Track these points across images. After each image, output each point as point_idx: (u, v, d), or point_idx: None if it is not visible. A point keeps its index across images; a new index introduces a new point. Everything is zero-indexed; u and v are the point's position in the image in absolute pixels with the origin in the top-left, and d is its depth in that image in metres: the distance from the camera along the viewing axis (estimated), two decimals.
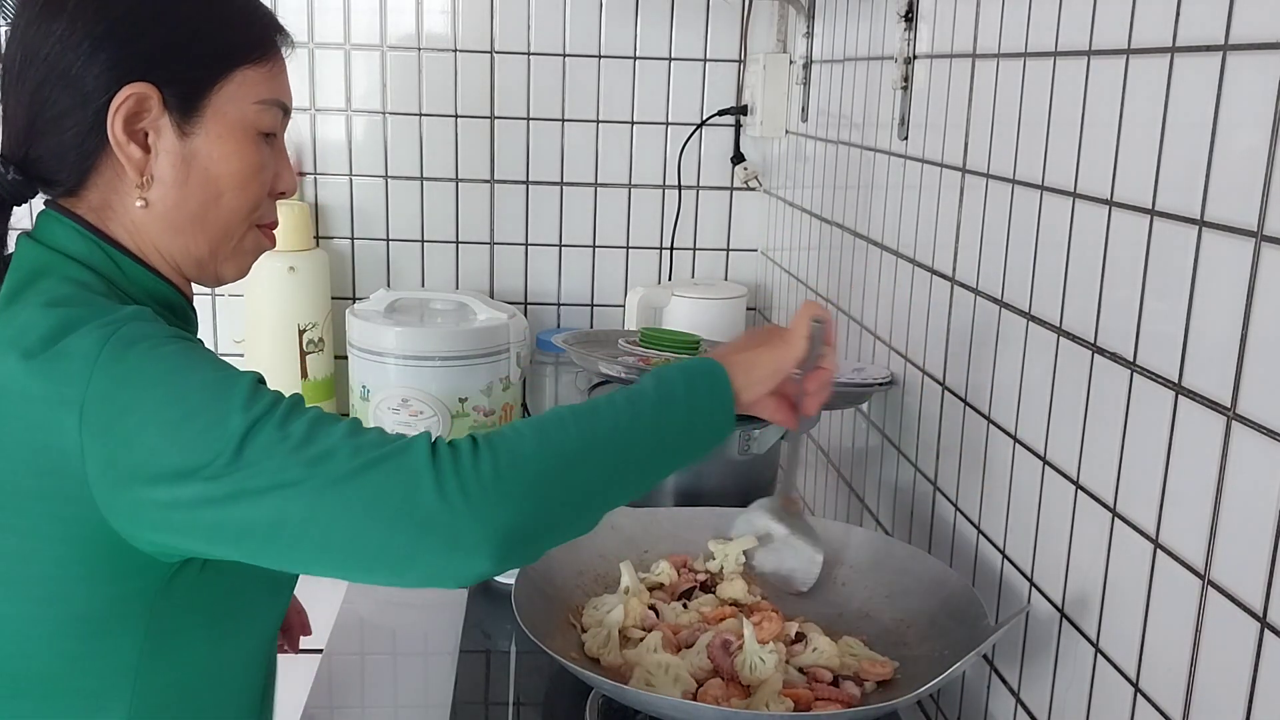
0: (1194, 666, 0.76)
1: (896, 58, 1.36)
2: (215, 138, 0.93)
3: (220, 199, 0.95)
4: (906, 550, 1.21)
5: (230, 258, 0.99)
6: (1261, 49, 0.69)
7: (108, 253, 0.93)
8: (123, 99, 0.89)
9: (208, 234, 0.96)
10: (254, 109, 0.95)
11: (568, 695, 1.17)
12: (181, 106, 0.92)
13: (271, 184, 0.99)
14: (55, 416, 0.79)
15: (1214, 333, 0.74)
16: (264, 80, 0.95)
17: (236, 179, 0.95)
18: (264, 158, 0.96)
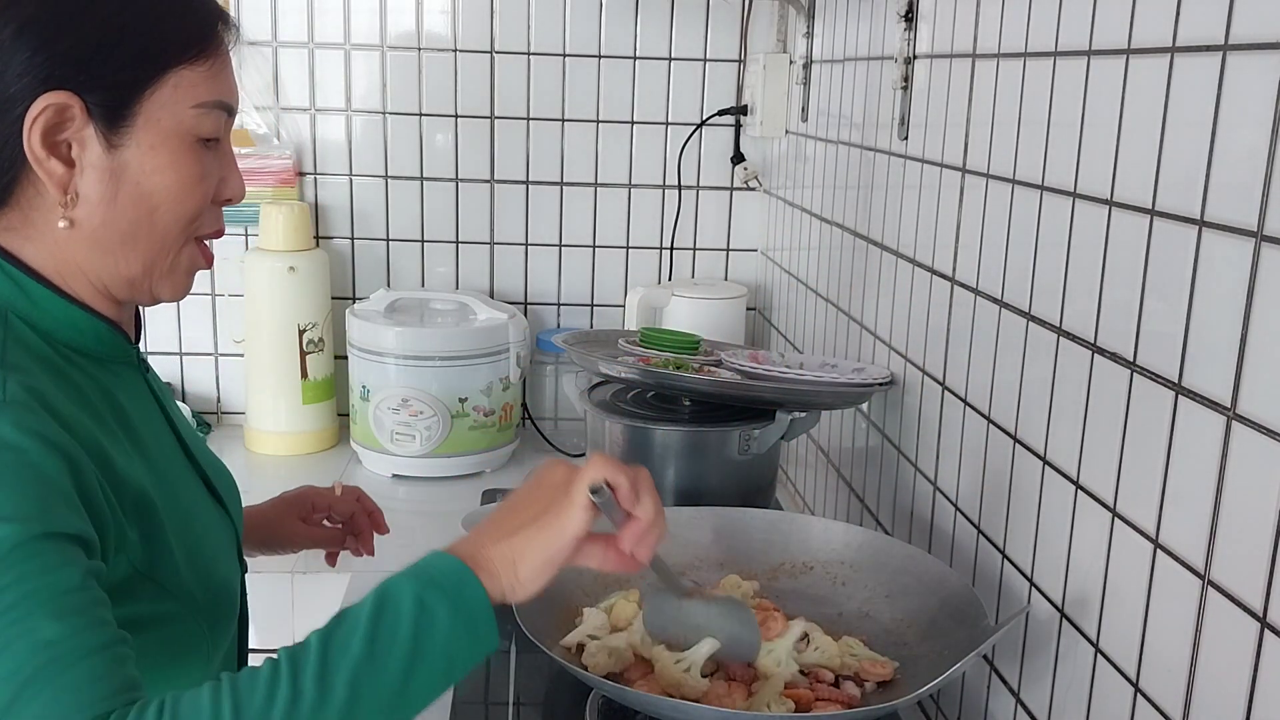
0: (1194, 666, 0.76)
1: (896, 58, 1.36)
2: (148, 149, 0.84)
3: (154, 214, 0.86)
4: (906, 550, 1.21)
5: (165, 276, 0.89)
6: (1261, 49, 0.69)
7: (15, 280, 0.84)
8: (39, 110, 0.80)
9: (140, 253, 0.87)
10: (192, 114, 0.85)
11: (568, 695, 1.17)
12: (108, 116, 0.82)
13: (215, 191, 0.90)
14: None
15: (1214, 333, 0.74)
16: (202, 81, 0.85)
17: (172, 192, 0.85)
18: (204, 167, 0.87)
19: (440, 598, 0.73)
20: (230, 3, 2.01)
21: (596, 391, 1.57)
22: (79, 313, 0.86)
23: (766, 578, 1.23)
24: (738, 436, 1.42)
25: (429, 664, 0.72)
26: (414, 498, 1.94)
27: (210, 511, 0.97)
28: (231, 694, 0.68)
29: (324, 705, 0.68)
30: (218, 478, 1.01)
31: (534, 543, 0.79)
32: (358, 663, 0.70)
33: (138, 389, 0.93)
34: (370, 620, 0.72)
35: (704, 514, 1.30)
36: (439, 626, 0.73)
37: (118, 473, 0.80)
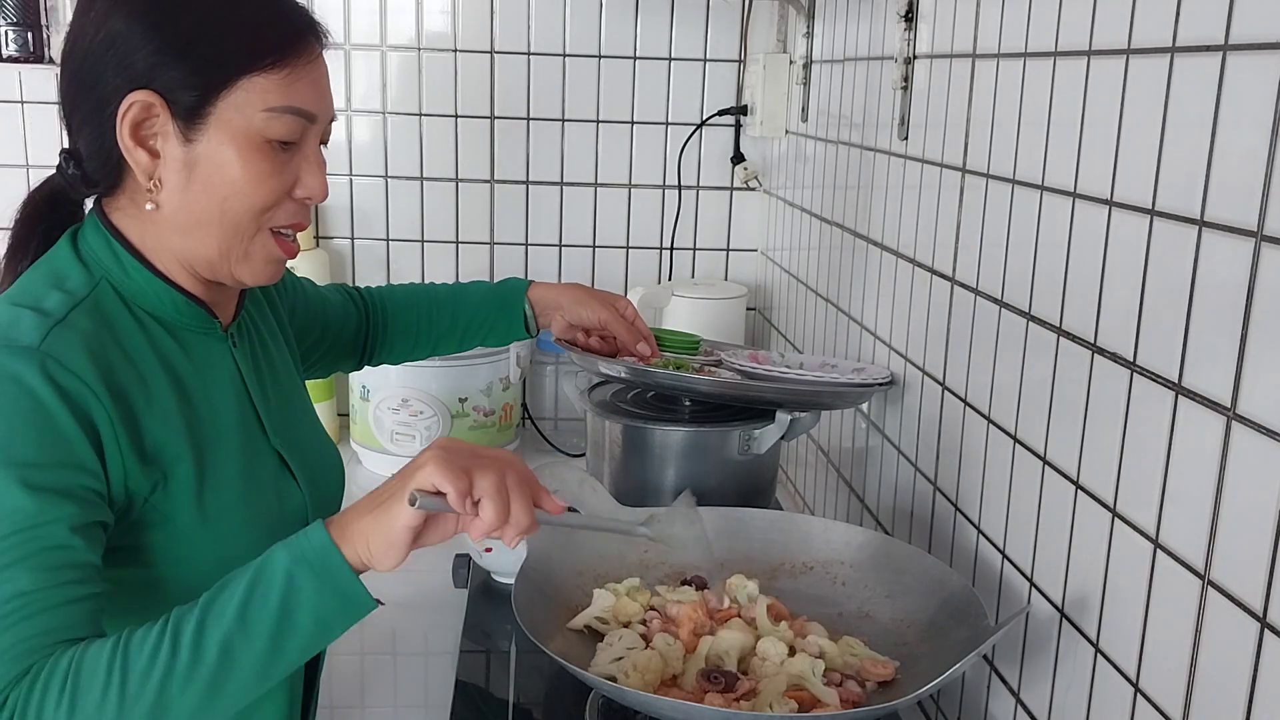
0: (1194, 666, 0.76)
1: (896, 58, 1.36)
2: (217, 145, 0.93)
3: (224, 204, 0.94)
4: (906, 550, 1.21)
5: (242, 261, 0.98)
6: (1261, 49, 0.69)
7: (118, 256, 0.96)
8: (127, 106, 0.91)
9: (214, 238, 0.95)
10: (261, 117, 0.93)
11: (568, 695, 1.17)
12: (185, 114, 0.92)
13: (290, 188, 0.98)
14: None
15: (1214, 333, 0.74)
16: (275, 88, 0.94)
17: (239, 186, 0.94)
18: (274, 165, 0.95)
19: (308, 572, 0.83)
20: None
21: (596, 391, 1.57)
22: (160, 285, 0.97)
23: (766, 578, 1.23)
24: (738, 436, 1.42)
25: (298, 630, 0.82)
26: None
27: (272, 487, 1.03)
28: (124, 653, 0.79)
29: (197, 665, 0.80)
30: (302, 457, 1.08)
31: (376, 527, 0.85)
32: (229, 629, 0.81)
33: (215, 360, 1.01)
34: (245, 591, 0.82)
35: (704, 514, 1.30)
36: (305, 598, 0.82)
37: (138, 422, 0.90)
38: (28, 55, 2.00)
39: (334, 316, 1.35)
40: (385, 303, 1.43)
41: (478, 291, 1.44)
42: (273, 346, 1.14)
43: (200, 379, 0.99)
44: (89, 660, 0.79)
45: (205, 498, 0.95)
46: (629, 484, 1.47)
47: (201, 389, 0.98)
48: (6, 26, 2.00)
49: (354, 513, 0.87)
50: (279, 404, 1.09)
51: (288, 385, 1.14)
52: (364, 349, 1.41)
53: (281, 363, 1.15)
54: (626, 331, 1.40)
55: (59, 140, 1.01)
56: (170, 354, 0.97)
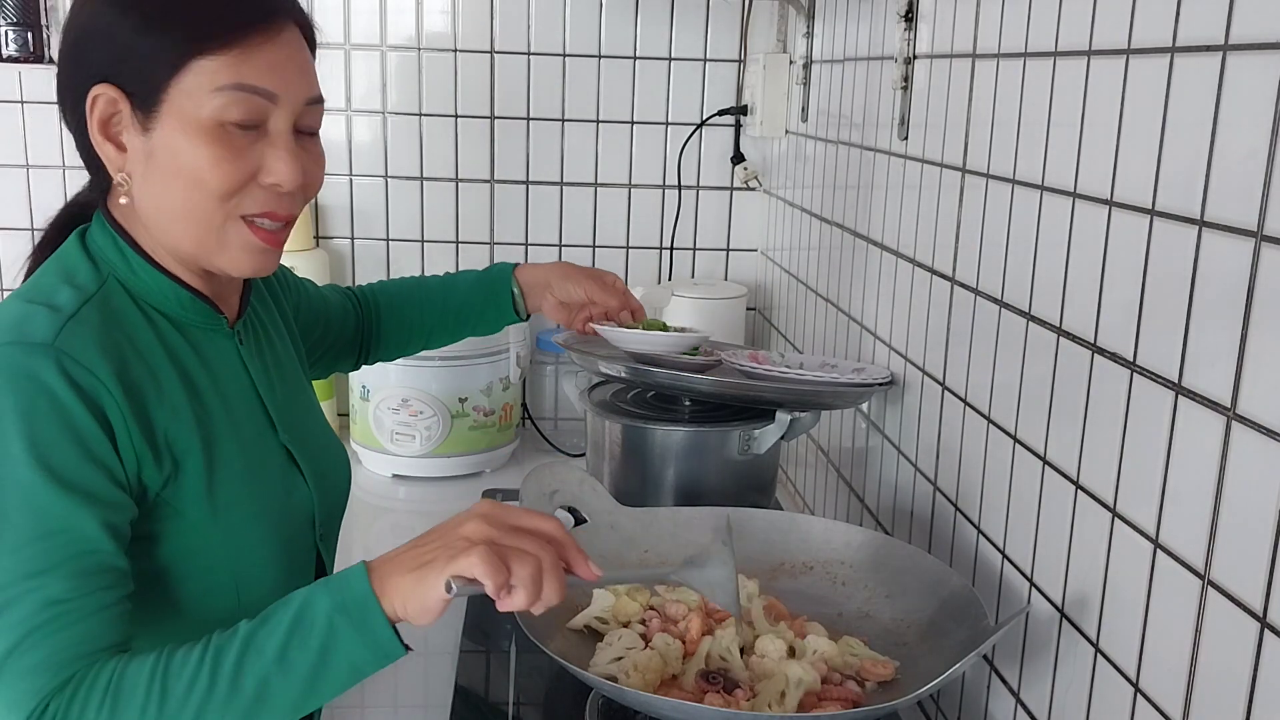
0: (1194, 666, 0.76)
1: (896, 58, 1.36)
2: (171, 132, 0.91)
3: (186, 193, 0.93)
4: (906, 550, 1.21)
5: (218, 252, 0.96)
6: (1261, 49, 0.69)
7: (124, 252, 0.97)
8: (91, 101, 0.92)
9: (186, 228, 0.94)
10: (210, 99, 0.90)
11: (568, 695, 1.17)
12: (142, 104, 0.91)
13: (254, 174, 0.94)
14: None
15: (1214, 333, 0.74)
16: (223, 67, 0.91)
17: (195, 174, 0.92)
18: (227, 150, 0.92)
19: (347, 622, 0.83)
20: None
21: (596, 391, 1.57)
22: (165, 281, 0.97)
23: (766, 578, 1.23)
24: (738, 436, 1.42)
25: (333, 674, 0.83)
26: (414, 498, 1.94)
27: (280, 481, 1.04)
28: (164, 675, 0.81)
29: (234, 697, 0.81)
30: (309, 452, 1.08)
31: (414, 592, 0.83)
32: (269, 667, 0.82)
33: (222, 356, 1.02)
34: (287, 631, 0.82)
35: (704, 514, 1.30)
36: (344, 645, 0.83)
37: (149, 416, 0.91)
38: (28, 55, 2.00)
39: (335, 316, 1.36)
40: (378, 299, 1.43)
41: (466, 280, 1.44)
42: (279, 344, 1.15)
43: (208, 374, 0.99)
44: (130, 676, 0.81)
45: (215, 491, 0.95)
46: (629, 484, 1.47)
47: (210, 384, 0.99)
48: (6, 26, 2.00)
49: (395, 565, 0.85)
50: (286, 400, 1.09)
51: (294, 382, 1.14)
52: (360, 348, 1.42)
53: (288, 360, 1.15)
54: (614, 301, 1.40)
55: (59, 140, 1.02)
56: (178, 349, 0.97)
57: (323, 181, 1.03)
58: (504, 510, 0.88)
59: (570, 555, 0.88)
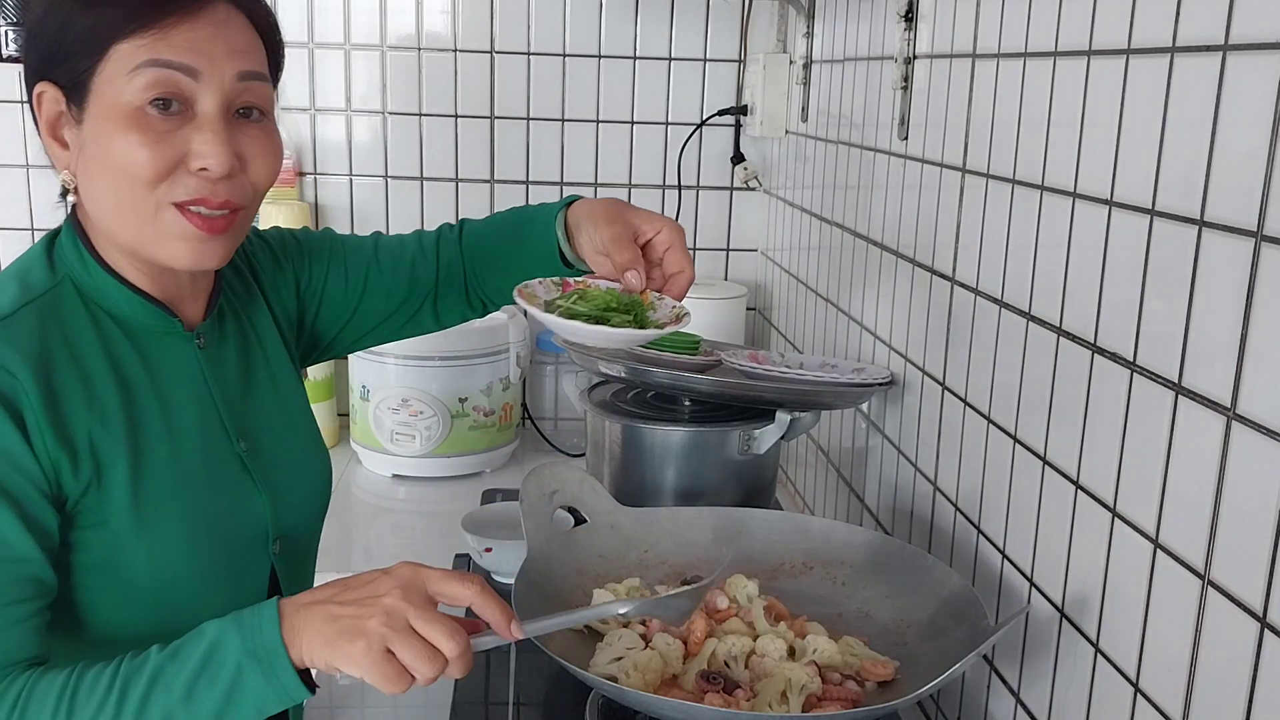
0: (1194, 666, 0.76)
1: (896, 58, 1.36)
2: (96, 122, 0.89)
3: (116, 183, 0.90)
4: (906, 550, 1.21)
5: (157, 243, 0.92)
6: (1261, 49, 0.69)
7: (81, 254, 0.95)
8: (36, 100, 0.92)
9: (123, 221, 0.92)
10: (130, 82, 0.88)
11: (568, 695, 1.17)
12: (75, 98, 0.90)
13: (179, 158, 0.90)
14: None
15: (1214, 333, 0.74)
16: (139, 49, 0.88)
17: (118, 160, 0.89)
18: (146, 135, 0.88)
19: (256, 668, 0.82)
20: None
21: (596, 391, 1.57)
22: (114, 284, 0.95)
23: (766, 578, 1.23)
24: (738, 436, 1.42)
25: (238, 713, 0.83)
26: (414, 498, 1.94)
27: (227, 494, 1.00)
28: (72, 697, 0.81)
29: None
30: (272, 463, 1.04)
31: (323, 651, 0.82)
32: (174, 704, 0.81)
33: (175, 361, 0.99)
34: (196, 668, 0.82)
35: (704, 514, 1.30)
36: (251, 688, 0.83)
37: (69, 421, 0.88)
38: None
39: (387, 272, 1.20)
40: (464, 242, 1.22)
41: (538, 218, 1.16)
42: (260, 344, 1.10)
43: (153, 380, 0.96)
44: (38, 695, 0.81)
45: (141, 502, 0.92)
46: (629, 484, 1.47)
47: (152, 391, 0.96)
48: (6, 26, 2.00)
49: (310, 615, 0.83)
50: (253, 407, 1.05)
51: (272, 387, 1.09)
52: (448, 298, 1.24)
53: (272, 361, 1.10)
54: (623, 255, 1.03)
55: None
56: (122, 355, 0.95)
57: (277, 169, 0.98)
58: (423, 578, 0.85)
59: (491, 619, 0.85)
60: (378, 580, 0.84)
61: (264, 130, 0.96)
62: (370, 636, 0.81)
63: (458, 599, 0.85)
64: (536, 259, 1.13)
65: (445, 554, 1.50)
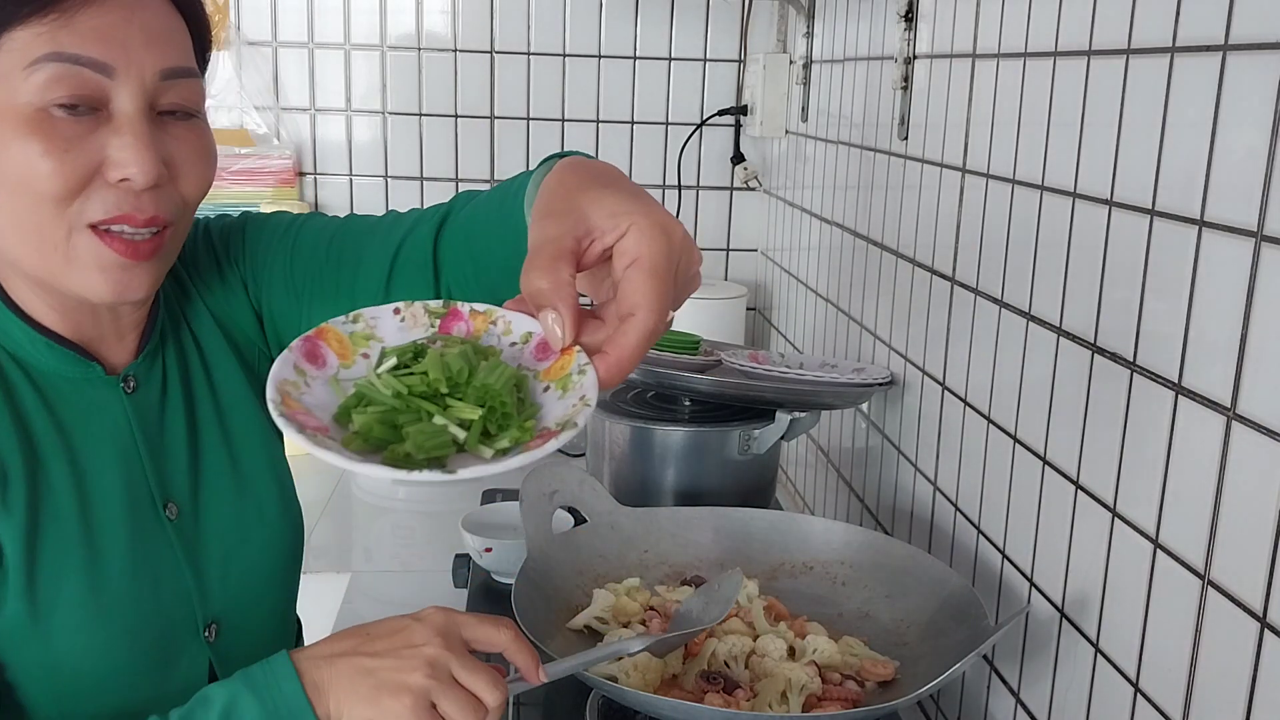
0: (1194, 666, 0.76)
1: (896, 58, 1.36)
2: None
3: (12, 203, 0.75)
4: (906, 550, 1.20)
5: (67, 272, 0.77)
6: (1261, 49, 0.69)
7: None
8: None
9: (25, 245, 0.77)
10: (27, 78, 0.72)
11: (568, 695, 1.17)
12: None
13: (95, 169, 0.75)
14: None
15: (1214, 333, 0.74)
16: (36, 38, 0.72)
17: (17, 176, 0.74)
18: (54, 141, 0.73)
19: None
20: (230, 3, 2.01)
21: None
22: (15, 323, 0.81)
23: (766, 578, 1.23)
24: (738, 436, 1.42)
25: None
26: (414, 497, 1.94)
27: (151, 569, 0.85)
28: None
29: None
30: (210, 529, 0.90)
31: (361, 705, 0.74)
32: None
33: (94, 412, 0.84)
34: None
35: (704, 514, 1.30)
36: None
37: None
38: None
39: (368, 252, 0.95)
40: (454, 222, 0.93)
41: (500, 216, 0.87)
42: (207, 374, 0.93)
43: (64, 438, 0.82)
44: None
45: (36, 588, 0.79)
46: (629, 484, 1.46)
47: (63, 451, 0.82)
48: None
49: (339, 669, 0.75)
50: (193, 460, 0.90)
51: (219, 431, 0.92)
52: None
53: (222, 395, 0.93)
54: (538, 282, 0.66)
55: None
56: (26, 409, 0.81)
57: (210, 177, 0.83)
58: (458, 625, 0.78)
59: (522, 664, 0.80)
60: (410, 628, 0.76)
61: (194, 131, 0.81)
62: (415, 692, 0.73)
63: (492, 644, 0.78)
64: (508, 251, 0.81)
65: (445, 554, 1.49)
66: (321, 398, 0.64)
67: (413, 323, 0.69)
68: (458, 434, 0.62)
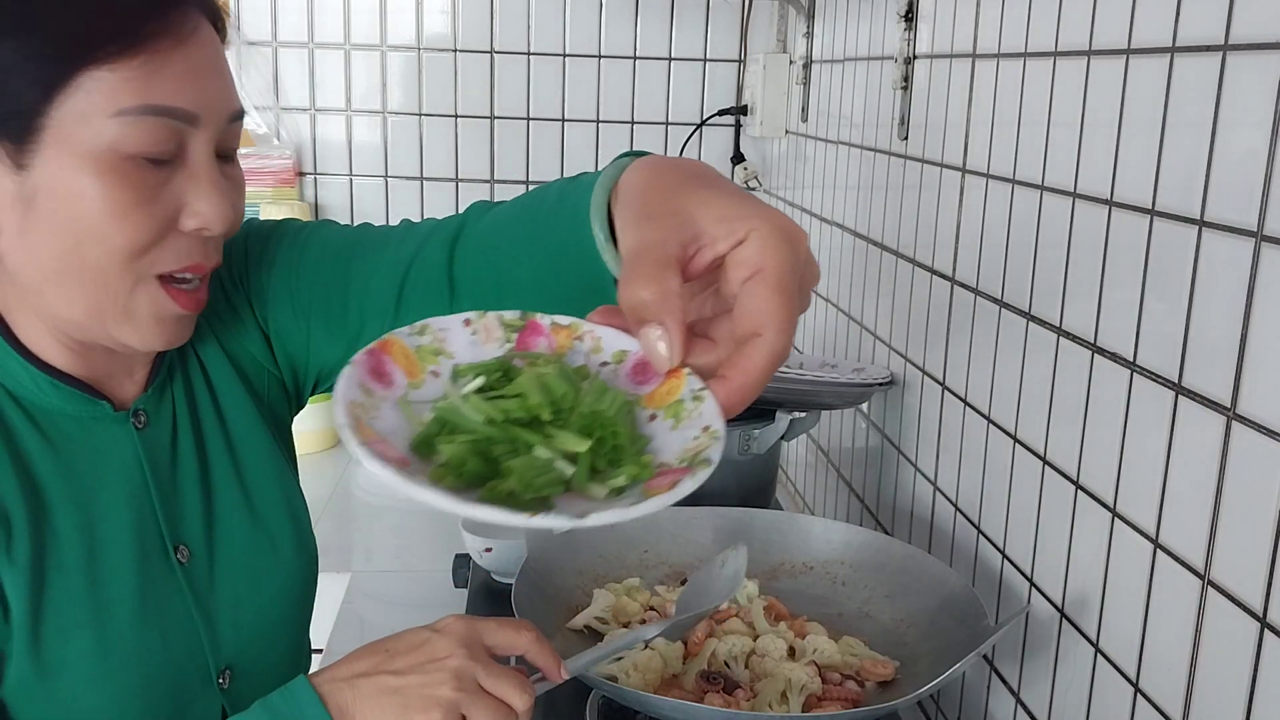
0: (1194, 666, 0.76)
1: (896, 58, 1.36)
2: (59, 169, 0.69)
3: (80, 249, 0.71)
4: (906, 550, 1.20)
5: (122, 323, 0.75)
6: (1261, 49, 0.69)
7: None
8: None
9: (78, 294, 0.73)
10: (113, 125, 0.69)
11: (568, 695, 1.17)
12: (11, 132, 0.69)
13: (173, 219, 0.73)
14: None
15: (1214, 333, 0.74)
16: (126, 84, 0.69)
17: (93, 223, 0.70)
18: (139, 191, 0.71)
19: None
20: (231, 3, 2.01)
21: None
22: (17, 361, 0.77)
23: (766, 578, 1.23)
24: (738, 436, 1.42)
25: None
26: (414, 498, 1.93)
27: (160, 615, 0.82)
28: None
29: None
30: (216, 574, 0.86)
31: None
32: None
33: (103, 452, 0.81)
34: None
35: (704, 514, 1.30)
36: None
37: None
38: None
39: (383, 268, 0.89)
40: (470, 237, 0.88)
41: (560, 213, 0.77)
42: (215, 406, 0.89)
43: (70, 482, 0.79)
44: None
45: (43, 644, 0.75)
46: None
47: (70, 495, 0.78)
48: None
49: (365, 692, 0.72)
50: (204, 498, 0.86)
51: (230, 464, 0.89)
52: None
53: (232, 426, 0.90)
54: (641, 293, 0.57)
55: None
56: (30, 452, 0.77)
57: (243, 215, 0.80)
58: (478, 631, 0.76)
59: (544, 665, 0.78)
60: (431, 641, 0.74)
61: (237, 170, 0.79)
62: (445, 706, 0.71)
63: (514, 648, 0.77)
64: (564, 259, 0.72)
65: (445, 554, 1.49)
66: (392, 422, 0.55)
67: (486, 336, 0.61)
68: (564, 469, 0.53)
